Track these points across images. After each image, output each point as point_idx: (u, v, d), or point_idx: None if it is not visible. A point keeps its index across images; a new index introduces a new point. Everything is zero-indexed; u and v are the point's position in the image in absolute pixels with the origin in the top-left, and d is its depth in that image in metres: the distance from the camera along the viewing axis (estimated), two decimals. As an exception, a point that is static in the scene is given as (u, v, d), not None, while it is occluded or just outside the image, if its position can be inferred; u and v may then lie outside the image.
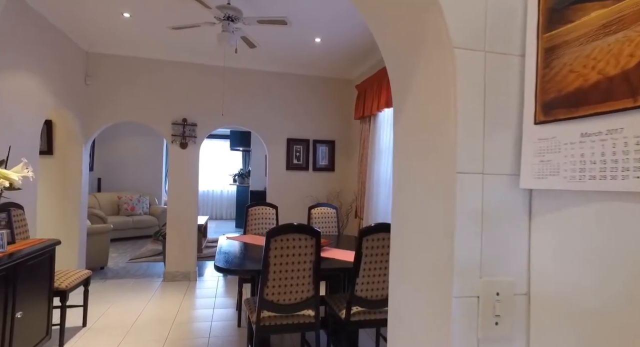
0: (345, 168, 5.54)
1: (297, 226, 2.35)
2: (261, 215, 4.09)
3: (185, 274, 4.93)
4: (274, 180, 5.29)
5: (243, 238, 3.65)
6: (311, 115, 5.44)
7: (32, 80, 3.59)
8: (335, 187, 5.48)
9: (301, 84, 5.41)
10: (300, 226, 2.36)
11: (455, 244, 0.79)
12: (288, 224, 2.34)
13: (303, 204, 5.33)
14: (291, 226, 2.35)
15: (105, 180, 8.36)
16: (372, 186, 4.34)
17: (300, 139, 5.37)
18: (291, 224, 2.35)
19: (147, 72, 4.90)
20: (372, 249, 2.47)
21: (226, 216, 11.44)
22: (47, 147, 4.66)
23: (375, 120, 4.38)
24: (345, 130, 5.56)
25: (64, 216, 4.60)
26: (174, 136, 4.93)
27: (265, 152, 9.48)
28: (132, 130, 8.56)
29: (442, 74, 0.83)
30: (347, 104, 5.57)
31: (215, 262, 2.63)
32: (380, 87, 4.11)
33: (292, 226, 2.35)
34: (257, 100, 5.24)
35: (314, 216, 4.16)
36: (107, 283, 4.74)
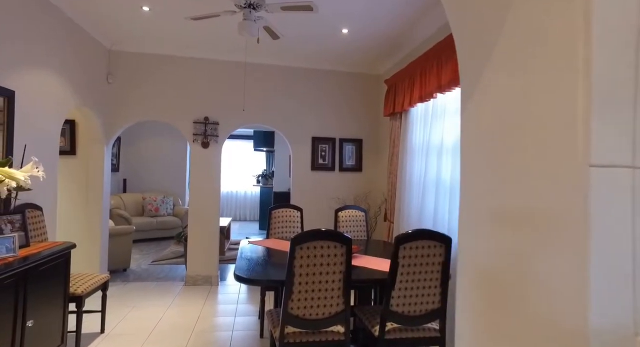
0: (373, 168, 5.25)
1: (325, 232, 2.09)
2: (285, 218, 3.85)
3: (207, 278, 4.76)
4: (298, 181, 5.06)
5: (266, 242, 3.43)
6: (337, 112, 5.18)
7: (54, 78, 3.50)
8: (362, 189, 5.19)
9: (326, 80, 5.15)
10: (329, 232, 2.10)
11: (590, 294, 0.50)
12: (315, 230, 2.09)
13: (328, 206, 5.07)
14: (319, 232, 2.09)
15: (130, 181, 8.38)
16: (403, 187, 4.03)
17: (325, 137, 5.12)
18: (318, 230, 2.10)
19: (169, 69, 4.78)
20: (410, 258, 2.18)
21: (250, 217, 11.33)
22: (70, 147, 4.61)
23: (406, 117, 4.07)
24: (373, 128, 5.27)
25: (86, 217, 4.52)
26: (195, 135, 4.78)
27: (289, 152, 9.32)
28: (156, 130, 8.55)
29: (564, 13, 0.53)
30: (375, 100, 5.27)
31: (235, 270, 2.40)
32: (412, 81, 3.80)
33: (319, 232, 2.09)
34: (281, 98, 5.03)
35: (341, 219, 3.89)
36: (128, 286, 4.63)
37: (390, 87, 4.46)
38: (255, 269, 2.50)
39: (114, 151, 7.75)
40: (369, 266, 2.61)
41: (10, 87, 2.86)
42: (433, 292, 2.26)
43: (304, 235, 2.07)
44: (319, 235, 2.08)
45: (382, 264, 2.68)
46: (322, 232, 2.09)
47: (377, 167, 5.22)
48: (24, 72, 3.06)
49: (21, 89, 3.00)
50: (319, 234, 2.09)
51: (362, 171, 5.21)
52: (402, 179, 4.09)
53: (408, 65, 3.90)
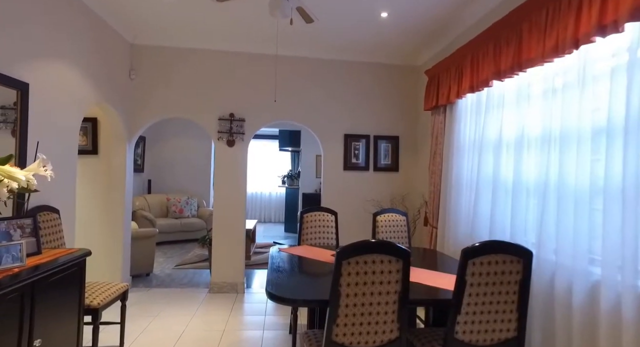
0: (411, 168, 4.83)
1: (378, 244, 1.72)
2: (318, 222, 3.50)
3: (232, 285, 4.46)
4: (329, 182, 4.70)
5: (297, 250, 3.08)
6: (371, 107, 4.79)
7: (73, 71, 3.27)
8: (399, 190, 4.78)
9: (360, 73, 4.77)
10: (382, 243, 1.73)
11: None
12: (365, 242, 1.72)
13: (363, 208, 4.69)
14: (370, 244, 1.72)
15: (155, 181, 8.25)
16: (449, 189, 3.60)
17: (359, 134, 4.74)
18: (368, 241, 1.73)
19: (193, 63, 4.52)
20: (481, 276, 1.78)
21: (275, 219, 11.06)
22: (92, 147, 4.41)
23: (453, 110, 3.64)
24: (410, 124, 4.84)
25: (108, 219, 4.31)
26: (220, 133, 4.49)
27: (317, 152, 9.00)
28: (181, 130, 8.39)
29: None
30: (413, 93, 4.85)
31: (267, 286, 2.06)
32: (460, 69, 3.37)
33: (371, 244, 1.72)
34: (311, 92, 4.69)
35: (380, 224, 3.50)
36: (150, 292, 4.39)
37: (432, 79, 4.03)
38: (289, 285, 2.16)
39: (139, 151, 7.62)
40: (424, 281, 2.22)
41: (24, 79, 2.62)
42: (508, 318, 1.84)
43: (352, 248, 1.70)
44: (370, 247, 1.71)
45: (437, 279, 2.28)
46: (374, 244, 1.72)
47: (416, 166, 4.79)
48: (40, 64, 2.83)
49: (36, 82, 2.77)
50: (370, 246, 1.71)
51: (399, 171, 4.79)
52: (447, 179, 3.66)
53: (456, 51, 3.47)
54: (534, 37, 2.36)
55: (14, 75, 2.52)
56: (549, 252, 2.20)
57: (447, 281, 2.26)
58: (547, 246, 2.22)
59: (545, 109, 2.32)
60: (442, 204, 3.74)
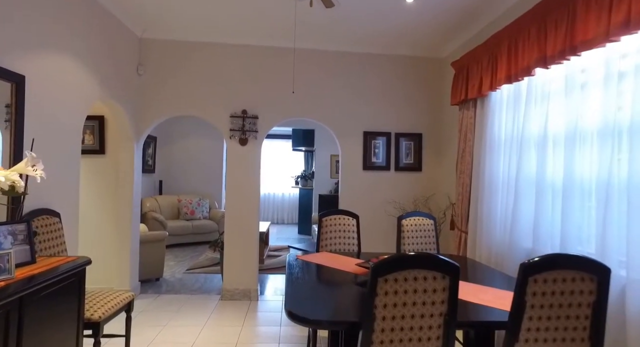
0: (435, 167, 4.51)
1: (421, 258, 1.43)
2: (338, 227, 3.22)
3: (245, 292, 4.21)
4: (348, 182, 4.41)
5: (317, 258, 2.81)
6: (392, 103, 4.48)
7: (76, 65, 3.06)
8: (423, 191, 4.47)
9: (380, 66, 4.48)
10: (426, 257, 1.44)
11: None
12: (405, 256, 1.43)
13: (384, 211, 4.39)
14: (411, 258, 1.43)
15: (166, 182, 8.08)
16: (481, 190, 3.28)
17: (379, 132, 4.44)
18: (407, 255, 1.44)
19: (204, 58, 4.28)
20: (546, 297, 1.47)
21: (288, 220, 10.81)
22: (99, 146, 4.22)
23: (484, 104, 3.32)
24: (434, 121, 4.53)
25: (116, 222, 4.11)
26: (232, 131, 4.25)
27: (332, 151, 8.72)
28: (192, 129, 8.20)
29: None
30: (437, 87, 4.53)
31: (286, 304, 1.79)
32: (494, 58, 3.05)
33: (412, 258, 1.43)
34: (328, 87, 4.41)
35: (405, 228, 3.20)
36: (159, 299, 4.16)
37: (460, 71, 3.72)
38: (311, 301, 1.88)
39: (150, 152, 7.45)
40: (464, 296, 1.92)
41: (19, 71, 2.41)
42: None
43: (390, 262, 1.41)
44: (411, 261, 1.43)
45: (479, 294, 1.98)
46: (416, 257, 1.43)
47: (441, 165, 4.47)
48: (38, 56, 2.61)
49: (34, 75, 2.56)
50: (411, 260, 1.43)
51: (422, 171, 4.48)
52: (478, 179, 3.34)
53: (489, 38, 3.15)
54: (593, 15, 2.04)
55: (7, 66, 2.31)
56: (616, 265, 1.87)
57: (490, 296, 1.96)
58: (613, 258, 1.90)
59: (609, 98, 1.99)
60: (473, 206, 3.42)
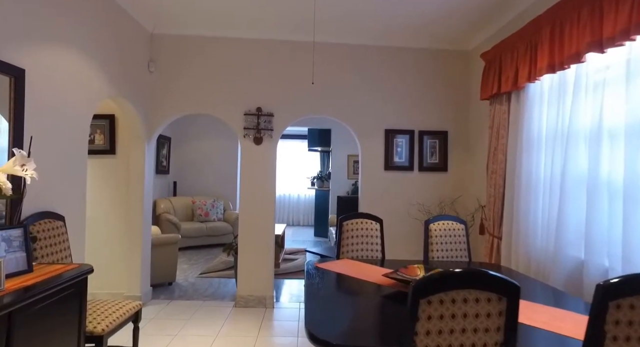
0: (462, 167, 4.21)
1: (471, 275, 1.18)
2: (360, 231, 2.97)
3: (260, 299, 3.99)
4: (368, 184, 4.16)
5: (338, 266, 2.56)
6: (415, 99, 4.21)
7: (82, 60, 2.90)
8: (449, 193, 4.17)
9: (402, 59, 4.21)
10: (477, 274, 1.18)
11: None
12: (451, 273, 1.18)
13: (407, 214, 4.11)
14: (458, 275, 1.17)
15: (180, 183, 7.96)
16: (516, 191, 2.98)
17: (402, 130, 4.17)
18: (454, 271, 1.18)
19: (217, 53, 4.09)
20: (633, 327, 1.19)
21: (303, 222, 10.60)
22: (110, 146, 4.07)
23: (521, 97, 3.02)
24: (461, 117, 4.23)
25: (127, 224, 3.95)
26: (246, 130, 4.04)
27: (349, 151, 8.45)
28: (207, 130, 8.07)
29: None
30: (464, 82, 4.24)
31: (306, 323, 1.55)
32: (533, 46, 2.76)
33: (460, 275, 1.17)
34: (346, 83, 4.16)
35: (434, 233, 2.93)
36: (171, 306, 3.98)
37: (491, 62, 3.42)
38: (335, 320, 1.64)
39: (164, 152, 7.34)
40: (525, 320, 1.64)
41: (18, 64, 2.24)
42: (663, 385, 1.25)
43: (434, 281, 1.16)
44: (460, 280, 1.17)
45: (529, 313, 1.70)
46: (466, 275, 1.17)
47: (468, 165, 4.17)
48: (41, 49, 2.45)
49: (36, 69, 2.39)
50: (460, 278, 1.17)
51: (448, 171, 4.19)
52: (513, 179, 3.05)
53: (527, 25, 2.85)
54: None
55: (5, 58, 2.14)
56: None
57: (545, 316, 1.68)
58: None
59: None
60: (507, 209, 3.13)
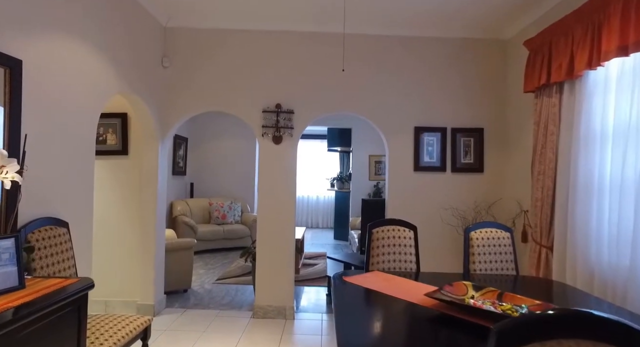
0: (500, 167, 3.84)
1: (575, 318, 0.85)
2: (392, 240, 2.65)
3: (280, 309, 3.72)
4: (396, 186, 3.83)
5: (369, 280, 2.25)
6: (447, 93, 3.86)
7: (89, 54, 2.68)
8: (485, 196, 3.81)
9: (433, 51, 3.87)
10: (586, 318, 0.85)
11: None
12: (548, 315, 0.86)
13: (440, 219, 3.77)
14: (557, 318, 0.85)
15: (197, 185, 7.79)
16: (572, 194, 2.61)
17: (433, 127, 3.83)
18: (553, 314, 0.88)
19: (234, 47, 3.85)
20: None
21: (322, 224, 10.31)
22: (122, 146, 3.87)
23: (578, 87, 2.64)
24: (498, 113, 3.86)
25: (140, 228, 3.74)
26: (265, 128, 3.78)
27: (370, 151, 8.10)
28: (224, 130, 7.87)
29: None
30: (501, 74, 3.86)
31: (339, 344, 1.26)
32: (596, 26, 2.39)
33: (559, 317, 0.85)
34: (373, 77, 3.85)
35: (475, 242, 2.59)
36: (185, 315, 3.75)
37: (538, 50, 3.05)
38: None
39: (181, 153, 7.18)
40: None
41: (15, 54, 2.02)
42: None
43: (525, 324, 0.85)
44: (563, 323, 0.85)
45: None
46: (571, 317, 0.85)
47: (507, 165, 3.80)
48: (42, 38, 2.23)
49: (35, 60, 2.18)
50: (563, 321, 0.85)
51: (484, 172, 3.83)
52: (568, 181, 2.67)
53: (587, 3, 2.48)
54: None
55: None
56: None
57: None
58: None
59: None
60: (559, 215, 2.75)
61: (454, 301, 1.71)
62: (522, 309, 1.61)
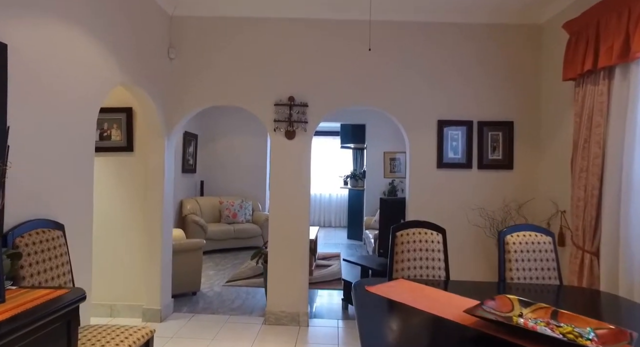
0: (531, 163, 3.53)
1: None
2: (419, 244, 2.38)
3: (293, 315, 3.49)
4: (418, 184, 3.56)
5: (395, 290, 1.99)
6: (474, 84, 3.56)
7: (88, 41, 2.47)
8: (515, 195, 3.51)
9: (457, 37, 3.58)
10: None
11: None
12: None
13: (466, 220, 3.49)
14: None
15: (207, 183, 7.61)
16: (624, 194, 2.31)
17: (457, 120, 3.54)
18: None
19: (245, 37, 3.61)
20: None
21: (335, 223, 10.05)
22: (127, 143, 3.67)
23: (632, 71, 2.33)
24: (530, 104, 3.54)
25: (146, 229, 3.55)
26: (277, 122, 3.54)
27: (385, 148, 7.80)
28: (234, 126, 7.67)
29: None
30: (534, 62, 3.55)
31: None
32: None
33: None
34: (393, 67, 3.58)
35: (512, 247, 2.31)
36: (194, 321, 3.54)
37: (581, 32, 2.74)
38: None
39: (191, 150, 7.00)
40: None
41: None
42: None
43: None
44: None
45: None
46: None
47: (540, 161, 3.49)
48: (32, 21, 2.02)
49: (23, 45, 1.97)
50: None
51: (514, 169, 3.52)
52: (619, 179, 2.38)
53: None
54: None
55: (-22, 29, 1.72)
56: None
57: None
58: None
59: None
60: (608, 217, 2.45)
61: (501, 321, 1.45)
62: (588, 334, 1.34)
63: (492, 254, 3.43)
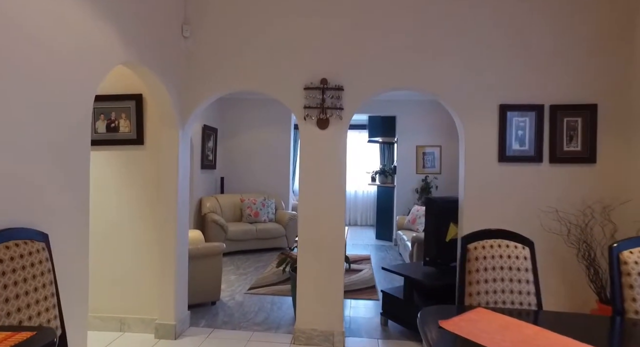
0: (620, 156, 2.87)
1: None
2: (499, 261, 1.82)
3: (327, 335, 2.98)
4: (475, 181, 2.97)
5: (477, 328, 1.45)
6: (545, 59, 2.94)
7: (85, 10, 2.02)
8: (599, 195, 2.87)
9: (523, 2, 2.95)
10: None
11: None
12: None
13: (538, 223, 2.88)
14: None
15: (228, 179, 7.19)
16: None
17: (524, 105, 2.93)
18: None
19: (270, 10, 3.10)
20: None
21: (361, 221, 9.51)
22: (137, 134, 3.23)
23: None
24: (618, 84, 2.88)
25: (158, 232, 3.11)
26: (307, 109, 3.01)
27: (418, 142, 7.12)
28: (256, 120, 7.21)
29: None
30: (623, 32, 2.88)
31: None
32: None
33: None
34: (443, 42, 3.00)
35: (633, 269, 1.72)
36: (212, 339, 3.08)
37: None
38: None
39: (210, 146, 6.58)
40: None
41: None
42: None
43: None
44: None
45: None
46: None
47: (631, 152, 2.83)
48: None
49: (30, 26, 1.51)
50: None
51: (597, 163, 2.89)
52: None
53: None
54: None
55: None
56: None
57: None
58: None
59: None
60: None
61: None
62: None
63: (572, 266, 2.83)
